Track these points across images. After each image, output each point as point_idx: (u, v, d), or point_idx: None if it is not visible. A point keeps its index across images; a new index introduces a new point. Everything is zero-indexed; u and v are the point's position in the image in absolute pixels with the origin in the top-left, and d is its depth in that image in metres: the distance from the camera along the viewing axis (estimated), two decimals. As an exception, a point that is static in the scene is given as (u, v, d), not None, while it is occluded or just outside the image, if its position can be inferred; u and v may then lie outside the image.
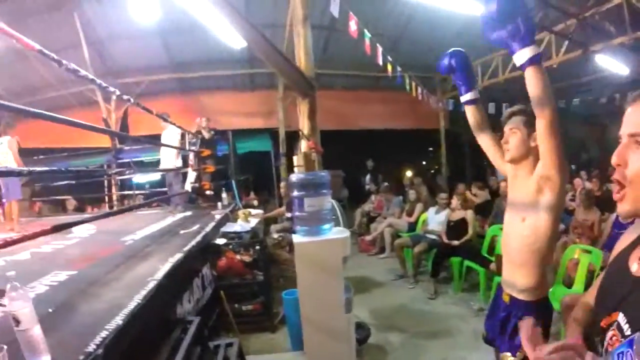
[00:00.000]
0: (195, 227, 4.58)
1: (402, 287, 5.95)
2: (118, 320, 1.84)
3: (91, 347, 1.57)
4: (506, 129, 2.07)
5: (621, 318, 0.97)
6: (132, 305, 2.03)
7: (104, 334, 1.69)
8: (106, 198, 8.68)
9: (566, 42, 8.45)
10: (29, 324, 1.43)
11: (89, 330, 1.73)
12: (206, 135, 7.62)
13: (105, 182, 8.62)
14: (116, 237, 4.12)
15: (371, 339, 4.11)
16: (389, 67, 6.86)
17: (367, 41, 5.85)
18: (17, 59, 8.68)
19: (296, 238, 3.07)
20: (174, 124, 6.41)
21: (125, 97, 4.36)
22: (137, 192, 8.78)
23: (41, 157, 7.76)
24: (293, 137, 8.54)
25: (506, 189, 6.96)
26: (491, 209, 7.09)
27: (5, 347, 1.33)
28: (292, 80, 4.86)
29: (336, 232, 3.17)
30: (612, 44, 7.97)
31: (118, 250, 3.51)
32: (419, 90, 8.60)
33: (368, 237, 8.21)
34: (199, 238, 3.87)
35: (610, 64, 9.24)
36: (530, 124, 1.93)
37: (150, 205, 7.73)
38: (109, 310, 1.96)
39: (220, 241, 4.47)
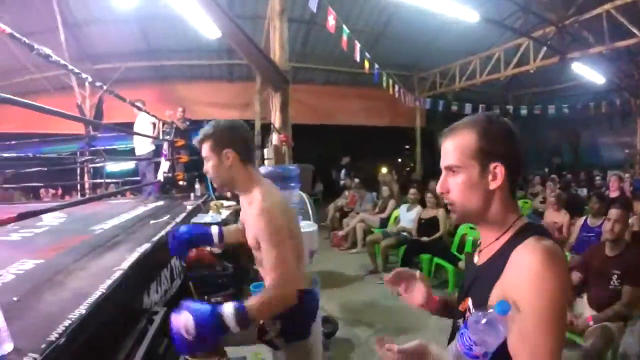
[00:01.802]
0: (166, 218, 4.51)
1: (372, 283, 6.01)
2: (82, 309, 1.84)
3: (53, 336, 1.56)
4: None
5: (470, 303, 1.18)
6: (96, 294, 2.02)
7: (67, 323, 1.68)
8: (78, 186, 8.51)
9: (544, 49, 8.62)
10: None
11: (53, 319, 1.71)
12: (181, 125, 7.56)
13: (78, 170, 8.46)
14: (86, 226, 4.04)
15: (339, 333, 4.15)
16: (367, 64, 6.87)
17: (345, 37, 5.87)
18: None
19: None
20: (147, 112, 6.35)
21: (97, 83, 4.32)
22: (108, 180, 8.63)
23: (13, 142, 7.59)
24: (269, 129, 8.54)
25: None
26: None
27: None
28: (266, 73, 4.87)
29: (304, 226, 3.18)
30: (589, 53, 8.16)
31: (87, 239, 3.45)
32: (396, 88, 8.64)
33: (340, 232, 8.26)
34: (168, 228, 3.81)
35: (587, 72, 9.47)
36: (217, 146, 1.96)
37: (123, 194, 7.66)
38: (73, 300, 1.95)
39: (190, 232, 4.41)
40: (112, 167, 10.31)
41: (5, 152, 6.96)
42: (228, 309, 1.65)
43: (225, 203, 6.10)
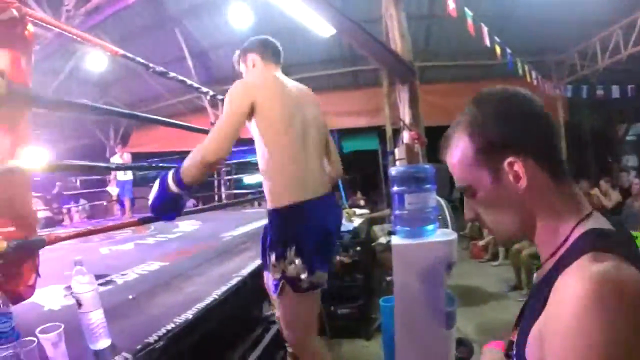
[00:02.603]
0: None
1: (514, 300, 5.29)
2: (189, 314, 1.77)
3: (152, 338, 1.52)
4: None
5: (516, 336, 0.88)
6: (208, 300, 1.96)
7: (170, 326, 1.63)
8: (215, 197, 9.05)
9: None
10: (89, 308, 1.45)
11: (158, 321, 1.69)
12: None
13: (215, 182, 9.01)
14: (216, 233, 4.20)
15: (474, 358, 3.68)
16: (498, 50, 6.21)
17: (470, 21, 5.35)
18: (130, 75, 10.07)
19: (395, 240, 2.74)
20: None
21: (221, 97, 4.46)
22: (244, 191, 9.06)
23: (156, 159, 8.27)
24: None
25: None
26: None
27: (62, 325, 1.34)
28: (390, 66, 4.60)
29: (441, 235, 2.77)
30: None
31: (214, 246, 3.55)
32: (533, 75, 7.76)
33: (480, 242, 7.57)
34: None
35: None
36: (243, 57, 2.30)
37: (259, 203, 7.97)
38: (183, 304, 1.91)
39: (319, 240, 4.30)
40: (248, 179, 10.82)
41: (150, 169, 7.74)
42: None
43: (358, 211, 5.97)
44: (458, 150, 0.87)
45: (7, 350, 1.16)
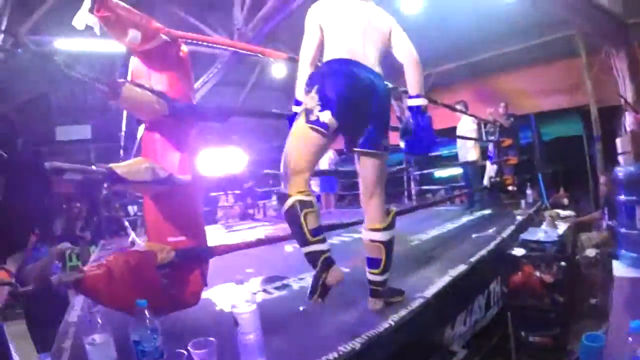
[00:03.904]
0: (490, 231, 3.99)
1: None
2: (357, 343, 1.57)
3: None
4: None
5: None
6: (382, 327, 1.73)
7: (331, 356, 1.48)
8: (405, 193, 8.76)
9: None
10: (245, 329, 1.43)
11: (321, 346, 1.55)
12: (505, 123, 6.83)
13: (405, 178, 8.72)
14: (403, 236, 3.83)
15: None
16: None
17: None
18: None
19: (618, 266, 2.13)
20: (470, 115, 5.96)
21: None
22: (435, 187, 8.66)
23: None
24: (609, 114, 6.39)
25: None
26: None
27: (214, 340, 1.36)
28: (594, 26, 3.64)
29: None
30: None
31: (400, 252, 3.26)
32: None
33: None
34: (491, 246, 3.34)
35: None
36: None
37: (452, 200, 7.50)
38: (353, 326, 1.74)
39: (519, 252, 3.73)
40: (440, 172, 10.40)
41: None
42: None
43: (562, 213, 5.19)
44: None
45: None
